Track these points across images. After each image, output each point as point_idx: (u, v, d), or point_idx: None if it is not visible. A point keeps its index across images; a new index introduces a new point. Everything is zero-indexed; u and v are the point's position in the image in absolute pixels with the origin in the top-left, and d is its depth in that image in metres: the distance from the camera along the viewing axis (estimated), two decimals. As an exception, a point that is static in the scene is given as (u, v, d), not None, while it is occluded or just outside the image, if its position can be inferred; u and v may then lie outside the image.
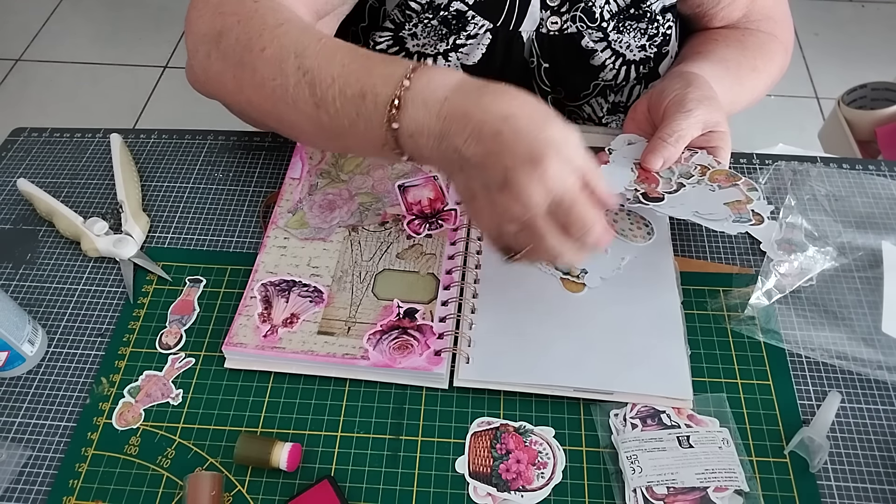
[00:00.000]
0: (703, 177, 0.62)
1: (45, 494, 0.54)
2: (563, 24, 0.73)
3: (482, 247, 0.65)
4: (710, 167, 0.63)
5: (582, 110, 0.79)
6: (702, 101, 0.62)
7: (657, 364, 0.57)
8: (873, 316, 0.61)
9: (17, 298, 0.65)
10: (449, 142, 0.50)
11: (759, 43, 0.77)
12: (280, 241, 0.65)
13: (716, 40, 0.77)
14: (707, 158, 0.64)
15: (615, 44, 0.73)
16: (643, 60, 0.75)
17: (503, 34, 0.73)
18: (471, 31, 0.72)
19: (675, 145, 0.61)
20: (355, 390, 0.58)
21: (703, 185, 0.62)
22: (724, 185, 0.62)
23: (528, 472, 0.53)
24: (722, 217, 0.60)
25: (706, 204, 0.61)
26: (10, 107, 2.02)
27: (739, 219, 0.60)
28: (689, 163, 0.64)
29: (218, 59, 0.58)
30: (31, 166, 0.75)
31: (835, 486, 0.53)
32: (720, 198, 0.62)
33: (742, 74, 0.74)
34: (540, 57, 0.75)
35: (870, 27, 2.17)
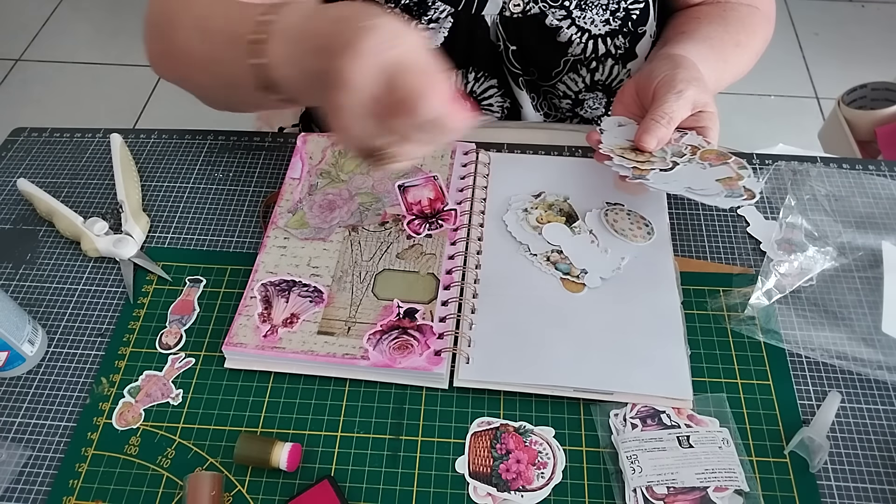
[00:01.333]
0: (695, 156, 0.63)
1: (45, 494, 0.54)
2: (525, 5, 0.74)
3: (482, 247, 0.65)
4: (701, 147, 0.64)
5: (557, 89, 0.80)
6: (691, 81, 0.63)
7: (657, 364, 0.57)
8: (873, 316, 0.61)
9: (17, 298, 0.65)
10: (305, 64, 0.51)
11: (741, 17, 0.77)
12: (280, 241, 0.65)
13: (698, 18, 0.77)
14: (697, 139, 0.64)
15: (579, 20, 0.75)
16: (609, 33, 0.76)
17: (465, 18, 0.74)
18: (432, 16, 0.74)
19: (667, 126, 0.62)
20: (355, 390, 0.58)
21: (694, 164, 0.63)
22: (716, 164, 0.63)
23: (528, 472, 0.53)
24: (714, 192, 0.61)
25: (698, 180, 0.62)
26: (10, 107, 2.02)
27: (731, 194, 0.61)
28: (680, 143, 0.64)
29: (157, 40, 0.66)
30: (31, 166, 0.75)
31: (835, 486, 0.53)
32: (712, 174, 0.62)
33: (727, 51, 0.74)
34: (506, 40, 0.76)
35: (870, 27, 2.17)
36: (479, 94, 0.81)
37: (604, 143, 0.65)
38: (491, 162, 0.72)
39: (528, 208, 0.68)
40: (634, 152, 0.64)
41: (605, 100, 0.82)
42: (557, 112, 0.83)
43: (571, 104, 0.82)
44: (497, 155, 0.73)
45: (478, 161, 0.71)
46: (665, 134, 0.63)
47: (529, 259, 0.64)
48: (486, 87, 0.81)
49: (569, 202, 0.68)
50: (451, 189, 0.69)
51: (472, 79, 0.80)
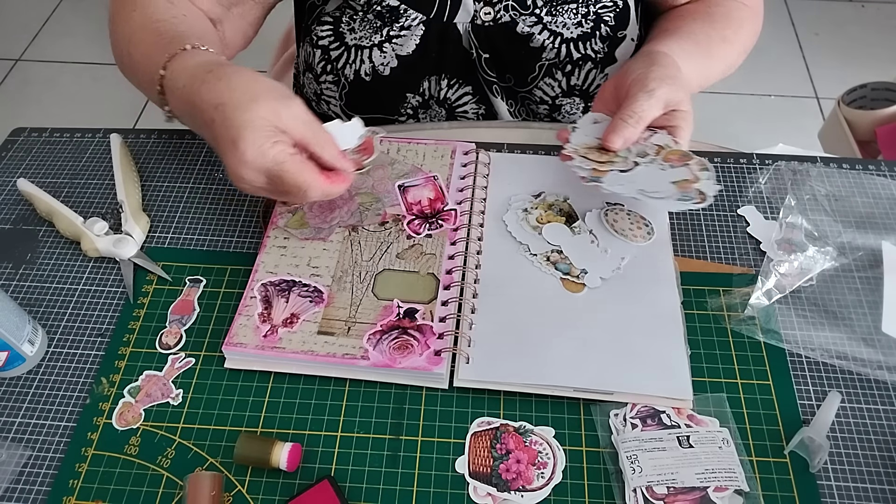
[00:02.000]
0: (658, 156, 0.62)
1: (45, 494, 0.54)
2: (496, 14, 0.75)
3: (482, 247, 0.65)
4: (667, 147, 0.63)
5: (534, 94, 0.80)
6: (664, 79, 0.62)
7: (657, 364, 0.57)
8: (873, 316, 0.61)
9: (17, 298, 0.65)
10: (196, 125, 0.60)
11: (726, 12, 0.77)
12: (280, 241, 0.65)
13: (682, 16, 0.77)
14: (666, 138, 0.64)
15: (550, 25, 0.75)
16: (582, 36, 0.76)
17: (436, 26, 0.75)
18: (404, 23, 0.75)
19: (635, 126, 0.62)
20: (355, 390, 0.58)
21: (655, 165, 0.62)
22: (676, 165, 0.62)
23: (528, 472, 0.53)
24: (666, 195, 0.61)
25: (653, 182, 0.61)
26: (10, 107, 2.02)
27: (683, 197, 0.60)
28: (648, 143, 0.64)
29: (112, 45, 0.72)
30: (31, 166, 0.75)
31: (835, 486, 0.53)
32: (668, 176, 0.62)
33: (713, 47, 0.74)
34: (478, 47, 0.76)
35: (870, 27, 2.17)
36: (453, 101, 0.82)
37: (571, 142, 0.66)
38: (491, 162, 0.72)
39: (528, 208, 0.68)
40: (600, 152, 0.64)
41: (583, 105, 0.82)
42: (535, 118, 0.83)
43: (549, 109, 0.82)
44: (497, 155, 0.73)
45: (478, 161, 0.71)
46: (632, 133, 0.62)
47: (529, 259, 0.64)
48: (460, 93, 0.81)
49: (569, 202, 0.68)
50: (451, 189, 0.69)
51: (446, 85, 0.80)
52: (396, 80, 0.78)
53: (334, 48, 0.79)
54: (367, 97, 0.81)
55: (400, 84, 0.79)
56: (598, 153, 0.64)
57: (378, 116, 0.83)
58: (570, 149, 0.65)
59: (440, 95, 0.81)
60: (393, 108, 0.82)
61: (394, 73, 0.78)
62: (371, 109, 0.83)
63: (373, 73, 0.78)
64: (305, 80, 0.86)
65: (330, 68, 0.80)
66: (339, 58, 0.78)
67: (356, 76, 0.79)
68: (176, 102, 0.61)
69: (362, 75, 0.78)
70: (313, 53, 0.80)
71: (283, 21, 1.15)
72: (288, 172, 0.55)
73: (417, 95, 0.81)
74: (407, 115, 0.83)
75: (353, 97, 0.81)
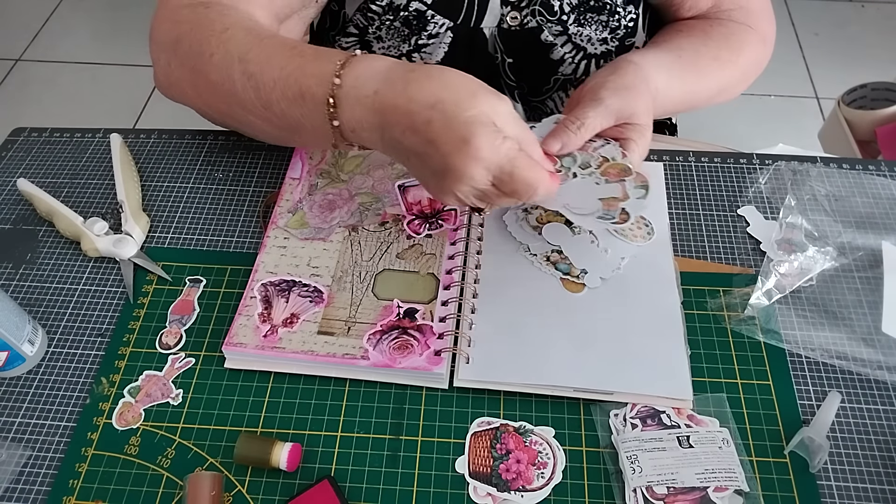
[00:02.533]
0: (598, 169, 0.60)
1: (45, 494, 0.54)
2: (522, 18, 0.73)
3: (482, 247, 0.65)
4: (612, 159, 0.60)
5: (545, 105, 0.80)
6: (618, 90, 0.60)
7: (657, 364, 0.57)
8: (873, 316, 0.61)
9: (17, 298, 0.65)
10: (389, 133, 0.52)
11: (727, 33, 0.73)
12: (280, 241, 0.65)
13: (679, 31, 0.74)
14: (614, 151, 0.61)
15: (575, 37, 0.74)
16: (604, 54, 0.75)
17: (464, 32, 0.74)
18: (432, 31, 0.74)
19: (576, 132, 0.59)
20: (355, 390, 0.58)
21: (591, 178, 0.60)
22: (612, 180, 0.60)
23: (528, 472, 0.53)
24: (589, 212, 0.59)
25: (581, 197, 0.59)
26: (10, 107, 2.02)
27: (604, 215, 0.59)
28: (595, 153, 0.61)
29: (177, 67, 0.61)
30: (31, 166, 0.75)
31: (835, 486, 0.53)
32: (598, 192, 0.60)
33: (701, 64, 0.71)
34: (503, 52, 0.75)
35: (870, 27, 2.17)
36: None
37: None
38: (491, 162, 0.72)
39: (528, 208, 0.68)
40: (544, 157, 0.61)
41: None
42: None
43: None
44: (497, 155, 0.73)
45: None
46: (571, 140, 0.59)
47: (529, 259, 0.64)
48: None
49: (569, 202, 0.68)
50: (451, 189, 0.69)
51: None
52: None
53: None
54: None
55: None
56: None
57: None
58: None
59: None
60: None
61: None
62: None
63: None
64: None
65: None
66: None
67: None
68: (360, 112, 0.53)
69: None
70: None
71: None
72: (520, 168, 0.51)
73: None
74: None
75: None
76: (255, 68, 0.56)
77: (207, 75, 0.58)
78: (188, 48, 0.60)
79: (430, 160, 0.52)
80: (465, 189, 0.52)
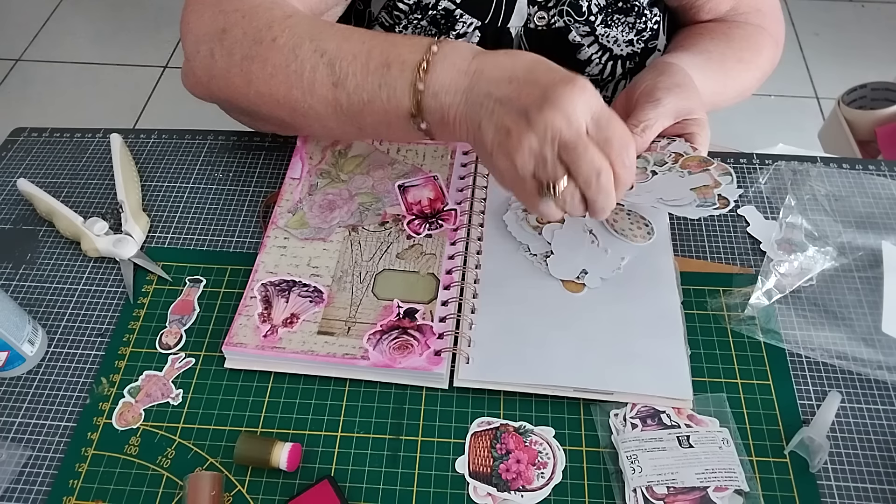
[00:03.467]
0: (676, 164, 0.61)
1: (45, 494, 0.54)
2: (550, 18, 0.73)
3: (482, 247, 0.65)
4: (685, 154, 0.62)
5: None
6: (671, 89, 0.61)
7: (657, 364, 0.57)
8: (873, 316, 0.61)
9: (17, 298, 0.65)
10: (478, 90, 0.52)
11: (747, 35, 0.76)
12: (280, 241, 0.65)
13: (701, 34, 0.76)
14: (684, 146, 0.62)
15: (602, 38, 0.74)
16: (630, 55, 0.75)
17: (492, 31, 0.74)
18: (459, 30, 0.73)
19: (641, 135, 0.60)
20: (355, 390, 0.58)
21: (674, 172, 0.61)
22: (695, 171, 0.61)
23: (528, 472, 0.53)
24: (686, 202, 0.60)
25: (673, 190, 0.60)
26: (10, 107, 2.02)
27: (704, 203, 0.60)
28: (665, 151, 0.62)
29: (223, 56, 0.59)
30: (31, 166, 0.75)
31: (835, 486, 0.53)
32: (688, 183, 0.61)
33: (727, 66, 0.73)
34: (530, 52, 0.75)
35: (870, 27, 2.17)
36: None
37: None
38: (491, 162, 0.72)
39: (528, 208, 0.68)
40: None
41: None
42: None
43: None
44: (497, 155, 0.73)
45: (478, 161, 0.71)
46: (638, 143, 0.60)
47: (529, 259, 0.64)
48: None
49: (569, 202, 0.68)
50: (451, 189, 0.69)
51: None
52: None
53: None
54: None
55: None
56: None
57: None
58: None
59: None
60: None
61: None
62: None
63: None
64: None
65: None
66: None
67: None
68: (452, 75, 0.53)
69: None
70: None
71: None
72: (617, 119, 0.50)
73: None
74: None
75: None
76: (329, 45, 0.56)
77: (266, 60, 0.58)
78: (242, 35, 0.59)
79: (527, 99, 0.50)
80: (560, 122, 0.49)
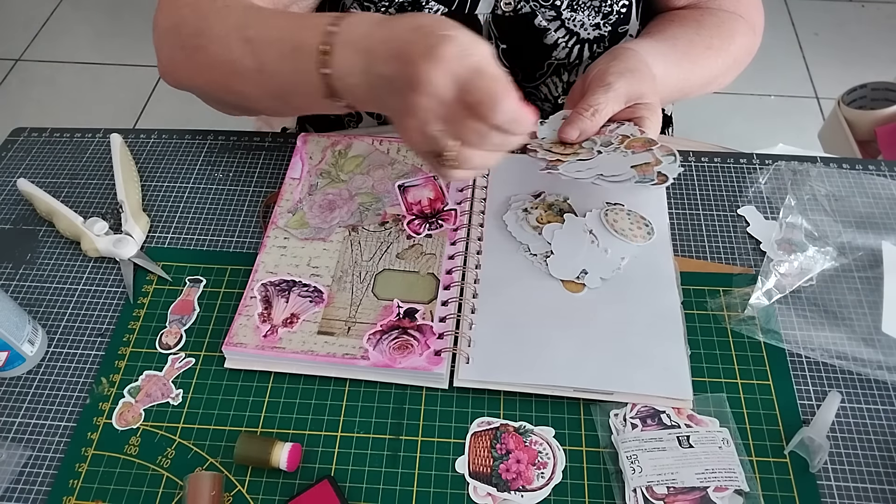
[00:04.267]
0: (621, 145, 0.63)
1: (45, 494, 0.54)
2: (516, 4, 0.74)
3: (482, 247, 0.65)
4: (632, 136, 0.63)
5: (539, 91, 0.80)
6: (623, 73, 0.62)
7: (657, 364, 0.57)
8: (873, 316, 0.61)
9: (17, 298, 0.65)
10: (375, 70, 0.52)
11: (718, 22, 0.76)
12: (280, 241, 0.65)
13: (671, 20, 0.77)
14: (632, 129, 0.63)
15: (569, 22, 0.74)
16: (597, 39, 0.76)
17: (459, 18, 0.74)
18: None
19: (591, 118, 0.62)
20: (355, 390, 0.58)
21: (618, 153, 0.62)
22: (639, 151, 0.62)
23: (528, 472, 0.53)
24: (626, 178, 0.61)
25: (613, 167, 0.62)
26: (10, 107, 2.02)
27: (643, 179, 0.61)
28: (613, 133, 0.63)
29: (178, 50, 0.64)
30: (31, 166, 0.75)
31: (835, 486, 0.53)
32: (629, 161, 0.62)
33: (695, 52, 0.73)
34: (498, 38, 0.76)
35: (870, 27, 2.17)
36: None
37: (537, 137, 0.66)
38: (491, 162, 0.72)
39: (528, 208, 0.68)
40: (563, 145, 0.64)
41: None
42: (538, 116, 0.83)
43: (552, 108, 0.82)
44: (497, 155, 0.73)
45: (478, 161, 0.71)
46: (588, 126, 0.62)
47: (529, 259, 0.64)
48: None
49: (569, 202, 0.68)
50: (451, 189, 0.69)
51: None
52: None
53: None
54: None
55: None
56: (562, 147, 0.64)
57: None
58: (535, 143, 0.65)
59: None
60: None
61: None
62: None
63: None
64: None
65: None
66: None
67: None
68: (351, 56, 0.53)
69: None
70: None
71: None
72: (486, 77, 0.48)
73: None
74: None
75: None
76: (252, 33, 0.58)
77: (206, 50, 0.61)
78: (190, 28, 0.62)
79: (401, 79, 0.50)
80: (426, 102, 0.49)
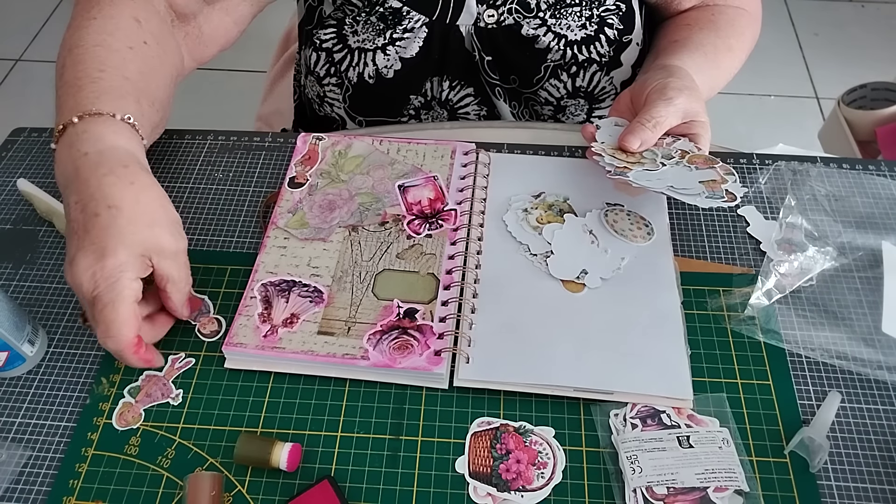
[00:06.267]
0: (683, 159, 0.65)
1: (45, 494, 0.54)
2: (499, 16, 0.75)
3: (482, 247, 0.65)
4: (691, 152, 0.65)
5: (539, 95, 0.81)
6: (682, 90, 0.64)
7: (657, 364, 0.57)
8: (873, 316, 0.61)
9: (17, 298, 0.65)
10: (67, 192, 0.55)
11: (730, 20, 0.78)
12: (280, 241, 0.65)
13: (689, 25, 0.78)
14: (688, 145, 0.66)
15: (555, 27, 0.76)
16: (586, 39, 0.77)
17: (439, 28, 0.76)
18: (407, 26, 0.75)
19: (652, 129, 0.64)
20: (355, 390, 0.58)
21: (681, 166, 0.64)
22: (702, 167, 0.64)
23: (528, 472, 0.53)
24: (696, 192, 0.62)
25: (682, 180, 0.63)
26: (10, 107, 2.01)
27: (713, 195, 0.62)
28: (671, 147, 0.66)
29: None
30: (31, 166, 0.75)
31: (835, 486, 0.53)
32: (697, 176, 0.64)
33: (719, 57, 0.76)
34: (481, 50, 0.77)
35: (870, 27, 2.17)
36: (455, 103, 0.82)
37: (597, 141, 0.67)
38: (491, 162, 0.72)
39: (528, 208, 0.68)
40: (626, 153, 0.65)
41: (587, 106, 0.82)
42: (539, 119, 0.84)
43: (553, 110, 0.82)
44: (497, 155, 0.73)
45: (478, 161, 0.71)
46: (649, 136, 0.64)
47: (529, 259, 0.64)
48: (462, 95, 0.81)
49: (569, 202, 0.68)
50: (451, 189, 0.69)
51: (448, 87, 0.80)
52: (400, 82, 0.79)
53: (337, 51, 0.79)
54: (370, 99, 0.81)
55: (403, 86, 0.80)
56: (625, 154, 0.66)
57: (381, 119, 0.83)
58: (598, 147, 0.66)
59: (442, 97, 0.81)
60: (396, 109, 0.82)
61: (397, 76, 0.78)
62: (375, 112, 0.83)
63: (376, 76, 0.78)
64: (307, 83, 0.86)
65: (333, 71, 0.80)
66: (343, 60, 0.79)
67: (360, 79, 0.79)
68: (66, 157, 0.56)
69: (366, 78, 0.78)
70: (317, 57, 0.80)
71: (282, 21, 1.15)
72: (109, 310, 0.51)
73: (420, 96, 0.81)
74: (409, 116, 0.83)
75: (356, 100, 0.81)
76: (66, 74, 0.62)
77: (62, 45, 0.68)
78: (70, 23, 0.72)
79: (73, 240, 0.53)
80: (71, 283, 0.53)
